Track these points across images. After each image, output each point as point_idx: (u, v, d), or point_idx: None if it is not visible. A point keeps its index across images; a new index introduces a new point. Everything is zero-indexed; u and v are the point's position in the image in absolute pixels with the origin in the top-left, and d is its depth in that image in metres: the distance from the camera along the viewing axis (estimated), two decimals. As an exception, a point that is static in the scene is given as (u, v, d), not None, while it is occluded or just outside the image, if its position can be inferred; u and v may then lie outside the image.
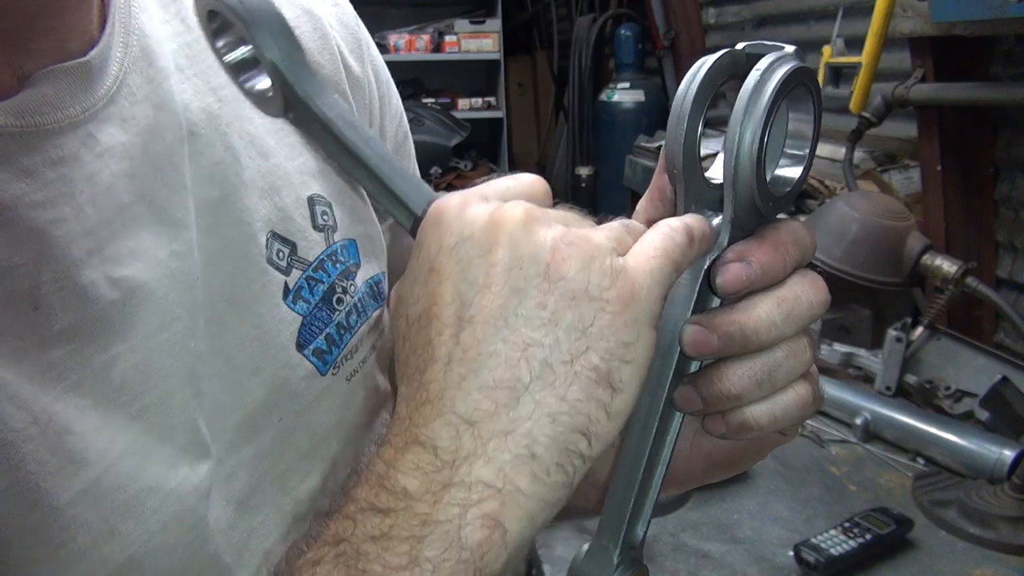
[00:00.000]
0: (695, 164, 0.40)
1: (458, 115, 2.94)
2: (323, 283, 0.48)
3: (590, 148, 3.12)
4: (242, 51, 0.37)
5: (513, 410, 0.32)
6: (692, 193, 0.40)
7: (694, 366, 0.39)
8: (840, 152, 1.74)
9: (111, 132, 0.38)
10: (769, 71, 0.37)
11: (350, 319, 0.49)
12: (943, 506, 1.08)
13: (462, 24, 3.11)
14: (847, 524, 1.01)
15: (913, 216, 1.42)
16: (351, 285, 0.50)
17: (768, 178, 0.39)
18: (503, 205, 0.34)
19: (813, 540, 0.97)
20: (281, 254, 0.46)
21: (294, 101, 0.37)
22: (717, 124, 0.62)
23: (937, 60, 1.44)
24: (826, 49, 1.62)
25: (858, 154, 1.71)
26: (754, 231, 0.38)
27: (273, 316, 0.45)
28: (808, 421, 1.35)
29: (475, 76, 3.46)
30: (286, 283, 0.46)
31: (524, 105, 4.27)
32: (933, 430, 1.21)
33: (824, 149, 1.93)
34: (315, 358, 0.47)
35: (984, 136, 1.47)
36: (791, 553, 0.98)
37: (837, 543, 0.97)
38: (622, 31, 3.01)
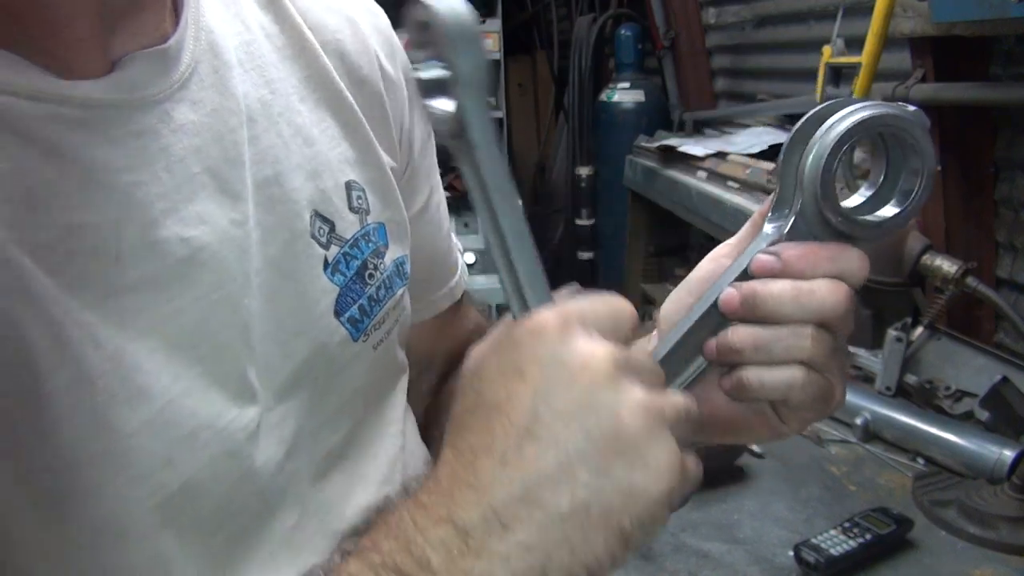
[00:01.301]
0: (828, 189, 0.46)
1: (458, 115, 2.94)
2: (357, 259, 0.53)
3: (590, 148, 3.12)
4: (437, 74, 0.41)
5: (543, 530, 0.35)
6: (784, 198, 0.47)
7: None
8: (840, 152, 1.74)
9: (183, 112, 0.44)
10: (859, 111, 0.45)
11: (379, 293, 0.55)
12: (943, 506, 1.08)
13: (462, 24, 3.11)
14: (847, 524, 1.01)
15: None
16: (380, 263, 0.55)
17: (851, 205, 0.47)
18: (598, 348, 0.38)
19: (813, 540, 0.97)
20: (322, 231, 0.51)
21: (463, 140, 0.41)
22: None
23: (937, 60, 1.44)
24: (826, 49, 1.62)
25: (858, 154, 1.70)
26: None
27: (315, 285, 0.51)
28: (808, 421, 1.35)
29: (475, 76, 3.47)
30: (326, 257, 0.51)
31: (524, 105, 4.27)
32: (933, 430, 1.21)
33: (824, 149, 1.93)
34: (349, 325, 0.53)
35: (984, 136, 1.47)
36: (791, 553, 0.98)
37: (837, 543, 0.97)
38: (622, 31, 3.01)
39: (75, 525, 0.39)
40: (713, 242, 2.05)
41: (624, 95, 2.92)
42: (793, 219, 0.46)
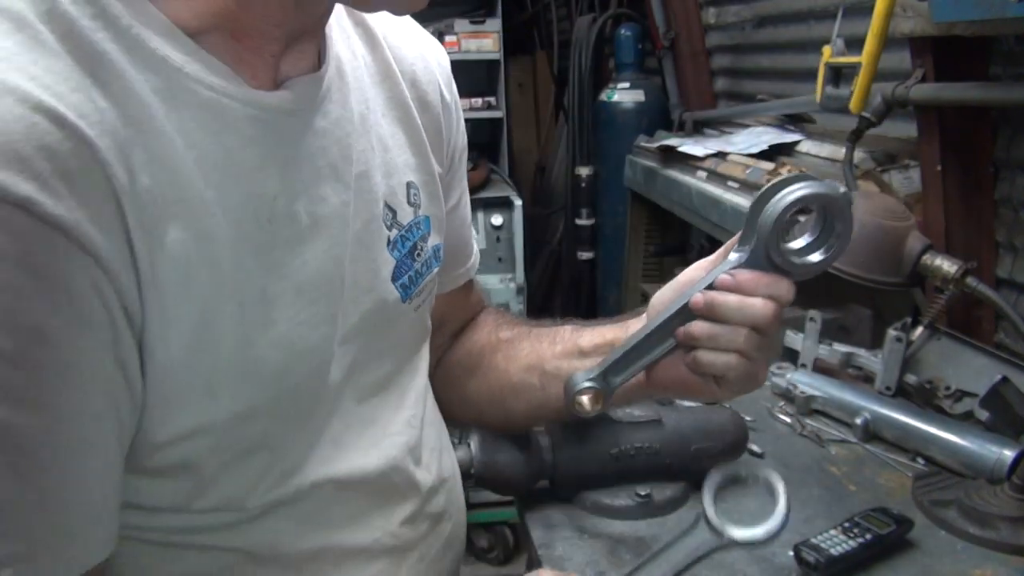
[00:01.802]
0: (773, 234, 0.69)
1: (458, 115, 2.93)
2: (410, 241, 0.70)
3: (590, 148, 3.12)
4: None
5: None
6: (746, 237, 0.70)
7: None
8: (840, 152, 1.74)
9: (319, 120, 0.60)
10: (802, 188, 0.67)
11: (422, 269, 0.72)
12: (943, 506, 1.08)
13: (462, 24, 3.09)
14: (847, 524, 1.01)
15: (913, 216, 1.42)
16: (425, 246, 0.72)
17: (790, 248, 0.71)
18: None
19: (813, 540, 0.97)
20: (388, 217, 0.68)
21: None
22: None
23: (937, 60, 1.44)
24: (826, 49, 1.62)
25: (858, 154, 1.71)
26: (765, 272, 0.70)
27: (381, 256, 0.68)
28: (808, 421, 1.35)
29: (475, 76, 3.46)
30: (388, 236, 0.69)
31: (524, 105, 4.27)
32: (933, 430, 1.21)
33: (824, 149, 1.93)
34: (401, 289, 0.70)
35: (984, 136, 1.47)
36: (791, 553, 0.98)
37: (837, 543, 0.97)
38: (622, 31, 3.01)
39: (223, 406, 0.55)
40: (713, 242, 2.05)
41: (624, 95, 2.92)
42: (749, 254, 0.69)
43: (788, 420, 1.37)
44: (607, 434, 1.13)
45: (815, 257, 0.71)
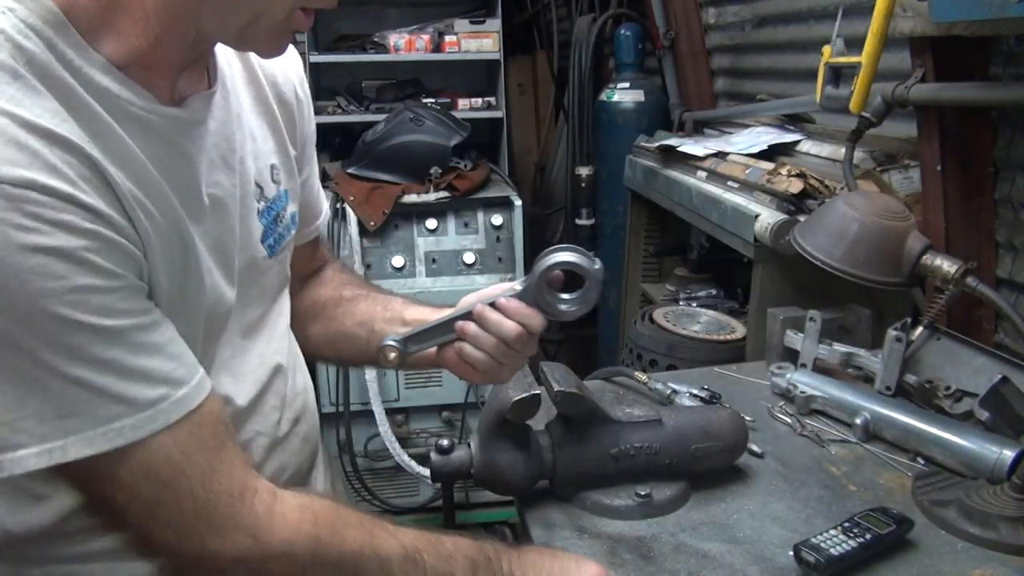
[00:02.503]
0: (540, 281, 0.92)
1: (458, 115, 2.92)
2: (274, 211, 0.91)
3: (590, 148, 3.12)
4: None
5: None
6: (527, 283, 0.92)
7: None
8: (840, 152, 1.74)
9: (212, 124, 0.79)
10: (568, 256, 0.90)
11: (284, 232, 0.93)
12: (943, 506, 1.08)
13: (462, 24, 3.09)
14: (847, 524, 1.01)
15: (913, 216, 1.42)
16: (284, 214, 0.93)
17: (553, 294, 0.92)
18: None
19: (813, 540, 0.97)
20: (258, 192, 0.88)
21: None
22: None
23: (937, 60, 1.44)
24: (826, 49, 1.62)
25: (858, 154, 1.71)
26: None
27: (253, 224, 0.87)
28: (808, 421, 1.35)
29: (475, 76, 3.45)
30: (258, 208, 0.88)
31: (524, 105, 4.27)
32: (933, 430, 1.21)
33: (824, 149, 1.93)
34: (268, 249, 0.90)
35: (984, 136, 1.47)
36: (791, 553, 0.98)
37: (837, 543, 0.97)
38: (622, 31, 3.01)
39: (183, 315, 0.74)
40: (712, 241, 2.04)
41: (624, 95, 2.92)
42: (522, 289, 0.92)
43: (788, 420, 1.37)
44: (607, 434, 1.13)
45: (564, 307, 0.92)
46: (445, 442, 1.11)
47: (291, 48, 0.86)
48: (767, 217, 1.67)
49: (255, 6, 0.69)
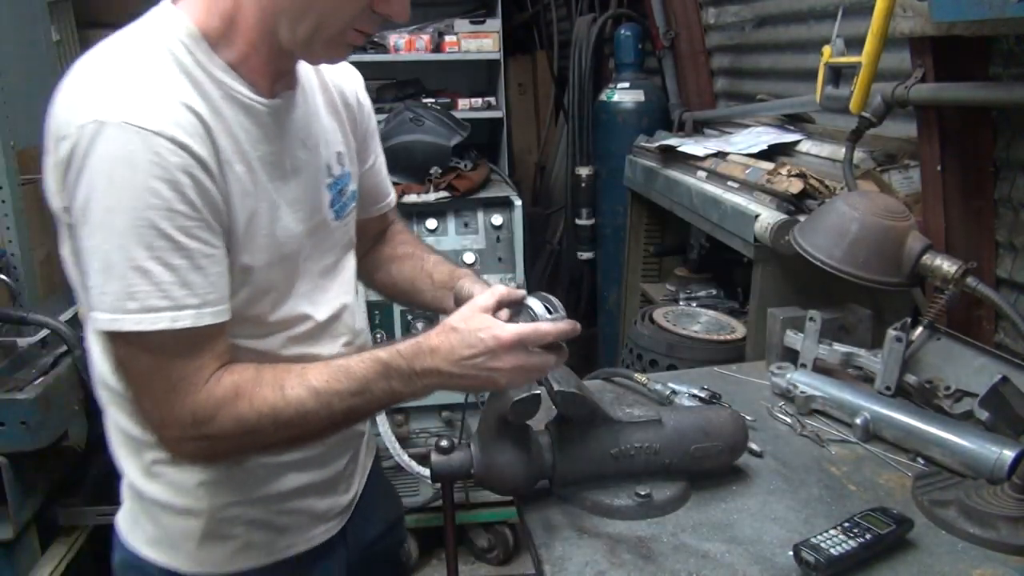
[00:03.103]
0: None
1: (458, 115, 2.92)
2: (339, 186, 1.13)
3: (590, 148, 3.12)
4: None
5: (444, 376, 0.97)
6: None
7: None
8: (840, 152, 1.74)
9: (297, 113, 1.05)
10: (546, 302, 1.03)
11: (346, 202, 1.16)
12: (943, 506, 1.08)
13: (462, 24, 3.09)
14: (847, 524, 1.01)
15: (913, 216, 1.42)
16: (347, 189, 1.16)
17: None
18: (501, 335, 0.96)
19: (813, 540, 0.97)
20: (327, 171, 1.11)
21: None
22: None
23: (937, 60, 1.44)
24: (826, 49, 1.62)
25: (858, 154, 1.71)
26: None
27: (324, 193, 1.11)
28: (808, 421, 1.36)
29: (475, 76, 3.45)
30: (327, 182, 1.11)
31: (524, 105, 4.27)
32: (933, 430, 1.21)
33: (824, 149, 1.93)
34: (334, 213, 1.13)
35: (984, 136, 1.47)
36: (791, 553, 0.98)
37: (837, 543, 0.97)
38: (622, 31, 3.01)
39: (256, 256, 0.98)
40: (712, 241, 2.03)
41: (624, 95, 2.92)
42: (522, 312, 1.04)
43: (788, 420, 1.37)
44: (607, 434, 1.13)
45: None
46: (445, 442, 1.11)
47: (352, 67, 1.21)
48: (767, 217, 1.67)
49: (315, 21, 0.93)
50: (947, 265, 1.32)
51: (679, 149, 2.23)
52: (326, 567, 1.17)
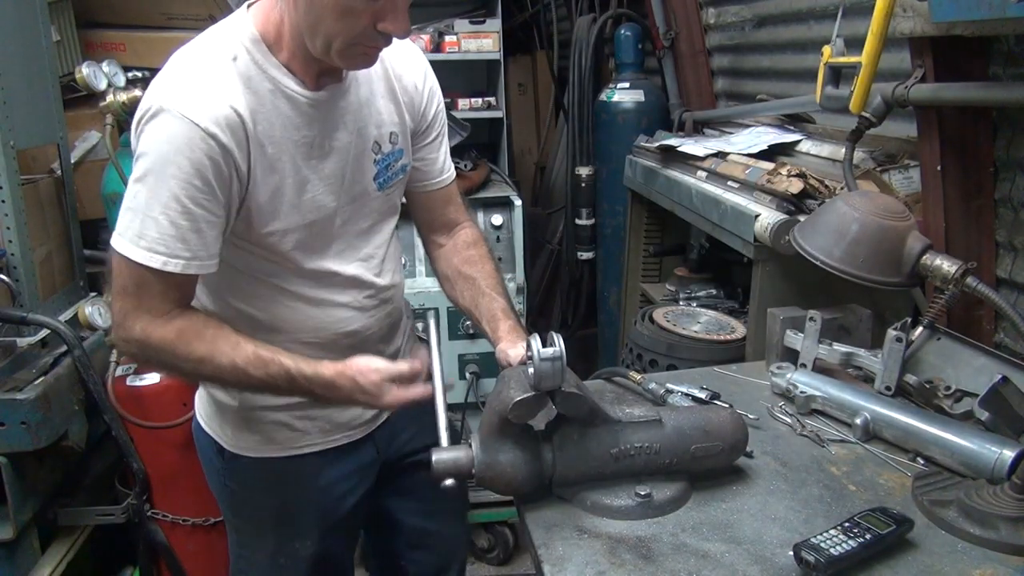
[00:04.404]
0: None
1: (458, 115, 2.92)
2: (387, 161, 1.31)
3: (590, 148, 3.12)
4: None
5: (335, 391, 1.20)
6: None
7: None
8: (840, 152, 1.74)
9: (339, 103, 1.23)
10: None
11: (392, 176, 1.33)
12: (943, 506, 1.08)
13: (462, 24, 3.09)
14: (847, 524, 1.01)
15: (913, 216, 1.42)
16: (395, 164, 1.33)
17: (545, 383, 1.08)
18: (380, 373, 1.20)
19: (813, 540, 0.97)
20: (376, 148, 1.29)
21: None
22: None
23: (937, 60, 1.44)
24: (826, 49, 1.62)
25: (858, 154, 1.71)
26: None
27: (370, 168, 1.29)
28: (808, 421, 1.36)
29: (475, 76, 3.45)
30: (375, 158, 1.29)
31: (524, 105, 4.27)
32: (933, 430, 1.21)
33: (824, 149, 1.93)
34: (378, 184, 1.31)
35: (984, 136, 1.47)
36: (791, 553, 0.98)
37: (837, 543, 0.97)
38: (622, 31, 3.01)
39: (285, 222, 1.21)
40: (713, 242, 2.03)
41: (624, 95, 2.92)
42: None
43: (788, 420, 1.37)
44: (607, 434, 1.13)
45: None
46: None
47: (420, 56, 1.39)
48: (767, 217, 1.67)
49: (324, 37, 1.11)
50: (947, 265, 1.32)
51: (679, 149, 2.23)
52: (349, 465, 1.40)
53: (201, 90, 1.11)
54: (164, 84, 1.13)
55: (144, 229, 1.10)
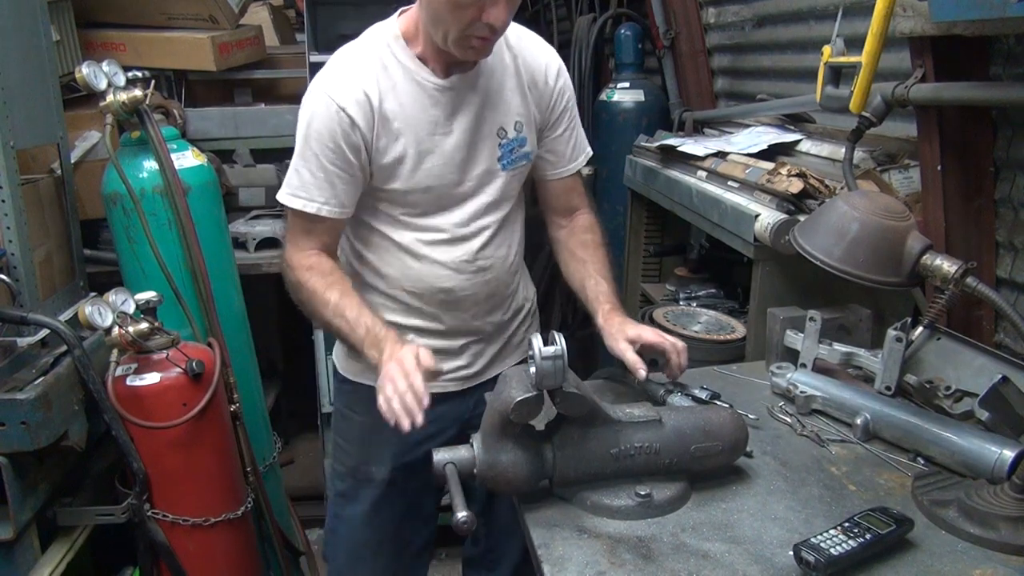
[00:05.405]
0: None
1: (458, 115, 2.93)
2: (510, 146, 1.50)
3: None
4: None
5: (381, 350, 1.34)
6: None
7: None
8: (840, 152, 1.74)
9: (464, 91, 1.45)
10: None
11: (515, 160, 1.52)
12: (943, 506, 1.08)
13: (462, 24, 3.11)
14: (847, 524, 1.01)
15: (913, 216, 1.42)
16: (520, 150, 1.51)
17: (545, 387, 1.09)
18: (403, 359, 1.27)
19: (813, 540, 0.97)
20: (502, 133, 1.49)
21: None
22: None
23: (937, 60, 1.44)
24: (826, 49, 1.62)
25: (858, 154, 1.71)
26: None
27: (495, 150, 1.49)
28: (808, 421, 1.35)
29: (475, 76, 3.47)
30: (500, 142, 1.49)
31: (524, 105, 4.27)
32: (933, 430, 1.21)
33: (824, 149, 1.93)
34: (503, 165, 1.50)
35: (984, 136, 1.47)
36: (791, 553, 0.98)
37: (837, 543, 0.97)
38: (622, 31, 3.01)
39: (405, 184, 1.47)
40: (713, 242, 2.03)
41: (624, 95, 2.92)
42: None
43: (788, 420, 1.37)
44: (607, 434, 1.13)
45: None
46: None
47: (555, 57, 1.55)
48: (767, 217, 1.67)
49: (442, 30, 1.31)
50: (947, 265, 1.32)
51: (679, 149, 2.23)
52: (431, 413, 1.42)
53: (343, 76, 1.41)
54: (322, 71, 1.45)
55: (291, 179, 1.44)
